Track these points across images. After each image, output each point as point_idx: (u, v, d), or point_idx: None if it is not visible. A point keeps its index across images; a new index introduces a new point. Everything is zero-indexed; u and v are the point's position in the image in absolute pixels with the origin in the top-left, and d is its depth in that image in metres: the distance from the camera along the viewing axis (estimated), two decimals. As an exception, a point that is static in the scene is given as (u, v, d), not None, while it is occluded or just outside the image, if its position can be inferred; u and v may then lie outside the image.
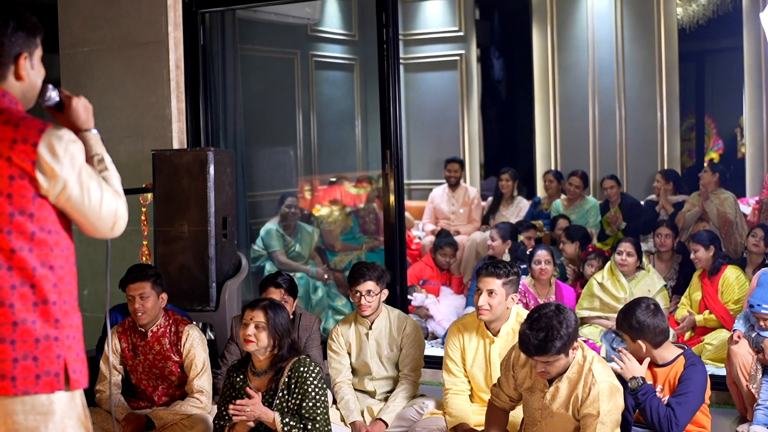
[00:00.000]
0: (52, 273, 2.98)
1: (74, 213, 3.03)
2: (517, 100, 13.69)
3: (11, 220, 2.93)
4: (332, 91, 11.54)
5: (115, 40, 7.98)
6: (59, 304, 2.99)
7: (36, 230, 2.96)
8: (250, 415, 4.85)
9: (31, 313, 2.94)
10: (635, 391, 4.80)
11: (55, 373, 2.96)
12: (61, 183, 2.95)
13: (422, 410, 5.82)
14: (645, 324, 4.90)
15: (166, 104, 7.77)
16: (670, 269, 8.24)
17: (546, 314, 4.56)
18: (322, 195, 10.72)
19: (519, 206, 10.43)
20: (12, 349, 2.91)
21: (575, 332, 4.60)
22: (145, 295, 5.73)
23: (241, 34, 8.56)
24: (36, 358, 2.93)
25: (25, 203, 2.94)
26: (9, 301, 2.92)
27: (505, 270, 5.43)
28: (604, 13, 11.63)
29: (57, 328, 2.98)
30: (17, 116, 2.98)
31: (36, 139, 2.93)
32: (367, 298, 5.92)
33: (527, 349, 4.59)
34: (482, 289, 5.41)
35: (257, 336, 4.90)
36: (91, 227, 3.07)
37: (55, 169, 2.93)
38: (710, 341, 7.15)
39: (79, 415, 3.06)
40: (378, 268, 5.99)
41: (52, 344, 2.96)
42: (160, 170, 6.98)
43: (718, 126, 13.82)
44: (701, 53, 13.81)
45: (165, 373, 5.83)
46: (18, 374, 2.91)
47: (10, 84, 3.09)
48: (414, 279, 8.74)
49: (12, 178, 2.92)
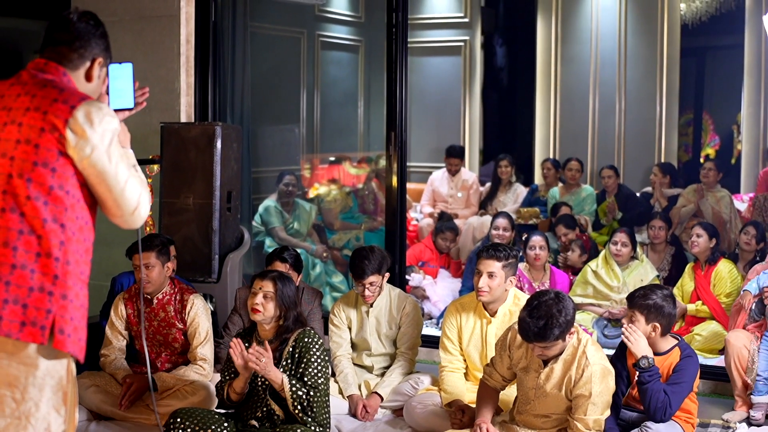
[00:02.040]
0: (61, 231, 3.06)
1: (99, 184, 3.12)
2: (518, 88, 13.79)
3: (33, 168, 3.05)
4: (337, 71, 11.60)
5: (126, 12, 8.03)
6: (62, 262, 3.05)
7: (55, 185, 3.06)
8: (263, 366, 4.87)
9: (31, 262, 3.01)
10: (645, 370, 4.92)
11: (41, 325, 3.00)
12: (90, 147, 3.07)
13: (417, 386, 5.95)
14: (664, 309, 5.01)
15: (176, 78, 7.84)
16: (663, 260, 8.35)
17: (546, 302, 4.68)
18: (321, 174, 10.81)
19: (516, 192, 10.54)
20: (5, 290, 2.98)
21: (573, 319, 4.73)
22: (150, 264, 5.85)
23: (251, 12, 8.62)
24: (26, 306, 2.99)
25: (50, 157, 3.05)
26: (13, 243, 3.00)
27: (505, 253, 5.54)
28: (609, 6, 11.74)
29: (54, 284, 3.03)
30: (68, 87, 3.15)
31: (76, 103, 3.08)
32: (370, 289, 6.04)
33: (527, 335, 4.71)
34: (483, 271, 5.52)
35: (265, 305, 5.00)
36: (113, 204, 3.16)
37: (87, 132, 3.06)
38: (699, 332, 7.27)
39: (61, 378, 3.10)
40: (377, 257, 6.06)
41: (45, 297, 3.01)
42: (168, 143, 7.06)
43: (716, 122, 13.93)
44: (702, 49, 13.90)
45: (168, 340, 5.95)
46: (5, 315, 2.97)
47: (78, 77, 3.27)
48: (413, 260, 8.84)
49: (42, 131, 3.06)
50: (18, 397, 3.04)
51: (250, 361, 4.88)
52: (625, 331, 5.00)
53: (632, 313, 5.08)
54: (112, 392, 5.74)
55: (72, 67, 3.25)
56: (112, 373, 5.87)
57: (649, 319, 5.02)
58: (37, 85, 3.13)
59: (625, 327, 5.03)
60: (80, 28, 3.25)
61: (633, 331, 4.99)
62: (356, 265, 6.04)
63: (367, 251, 6.09)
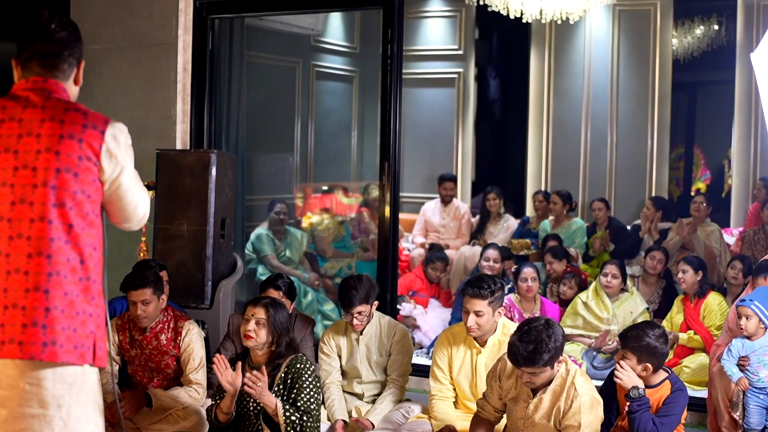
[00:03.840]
0: (96, 253, 3.21)
1: (118, 201, 3.31)
2: (511, 120, 13.87)
3: (74, 197, 3.17)
4: (331, 101, 11.67)
5: (125, 39, 8.11)
6: (96, 282, 3.21)
7: (90, 212, 3.20)
8: (259, 390, 4.92)
9: (77, 288, 3.15)
10: (634, 400, 4.96)
11: (88, 347, 3.16)
12: (119, 168, 3.24)
13: (408, 414, 5.97)
14: (657, 350, 5.05)
15: (172, 105, 7.90)
16: (653, 293, 8.39)
17: (536, 328, 4.73)
18: (314, 203, 10.85)
19: (507, 224, 10.58)
20: (61, 317, 3.11)
21: (562, 346, 4.78)
22: (147, 300, 5.85)
23: (248, 41, 8.69)
24: (75, 330, 3.14)
25: (87, 185, 3.19)
26: (64, 272, 3.13)
27: (490, 289, 5.52)
28: (602, 40, 11.83)
29: (93, 305, 3.19)
30: (82, 107, 3.25)
31: (104, 128, 3.22)
32: (359, 318, 6.06)
33: (516, 360, 4.76)
34: (470, 311, 5.52)
35: (257, 332, 5.06)
36: (123, 217, 3.36)
37: (117, 154, 3.23)
38: (688, 364, 7.32)
39: (95, 391, 3.25)
40: (365, 287, 6.06)
41: (87, 319, 3.17)
42: (164, 169, 7.13)
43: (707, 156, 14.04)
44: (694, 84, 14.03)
45: (161, 367, 5.96)
46: (59, 341, 3.10)
47: (70, 86, 3.37)
48: (404, 289, 8.88)
49: (80, 159, 3.18)
50: (65, 416, 3.15)
51: (246, 385, 4.93)
52: (617, 372, 5.05)
53: (624, 352, 5.11)
54: (104, 415, 5.75)
55: (64, 78, 3.33)
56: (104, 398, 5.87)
57: (641, 360, 5.06)
58: (59, 109, 3.21)
59: (616, 367, 5.08)
60: (64, 37, 3.33)
61: (624, 370, 5.05)
62: (344, 295, 6.05)
63: (355, 281, 6.09)
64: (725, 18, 12.49)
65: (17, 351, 3.08)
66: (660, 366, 5.13)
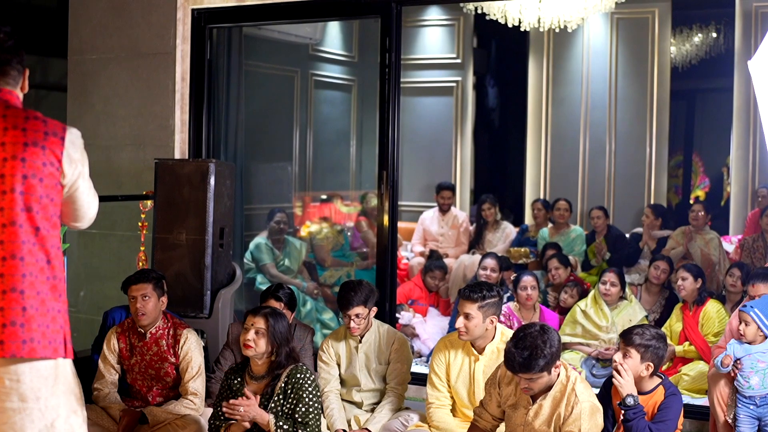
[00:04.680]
0: (59, 252, 3.38)
1: (74, 202, 3.47)
2: (509, 128, 13.88)
3: (40, 201, 3.31)
4: (329, 110, 11.68)
5: (123, 49, 8.12)
6: (62, 280, 3.37)
7: (53, 214, 3.36)
8: (245, 415, 4.97)
9: (46, 288, 3.31)
10: (629, 408, 4.95)
11: (60, 341, 3.33)
12: (78, 172, 3.40)
13: (407, 423, 5.97)
14: (659, 350, 5.06)
15: (170, 115, 7.91)
16: (656, 303, 8.36)
17: (531, 333, 4.74)
18: (313, 212, 10.86)
19: (506, 232, 10.58)
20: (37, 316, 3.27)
21: (558, 352, 4.78)
22: (147, 296, 5.89)
23: (246, 50, 8.70)
24: (47, 327, 3.30)
25: (51, 189, 3.34)
26: (35, 273, 3.29)
27: (481, 294, 5.55)
28: (600, 49, 11.85)
29: (60, 302, 3.35)
30: (40, 114, 3.37)
31: (63, 134, 3.37)
32: (356, 321, 6.07)
33: (512, 366, 4.76)
34: (460, 312, 5.58)
35: (256, 341, 5.06)
36: (76, 217, 3.53)
37: (76, 159, 3.39)
38: (687, 372, 7.32)
39: (69, 381, 3.39)
40: (365, 289, 6.10)
41: (57, 315, 3.33)
42: (162, 179, 7.13)
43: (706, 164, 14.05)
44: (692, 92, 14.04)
45: (161, 374, 5.97)
46: (35, 338, 3.26)
47: (19, 93, 3.49)
48: (403, 298, 8.88)
49: (44, 165, 3.32)
50: (43, 407, 3.29)
51: (230, 415, 5.01)
52: (618, 367, 5.04)
53: (627, 350, 5.09)
54: (105, 426, 5.76)
55: (15, 85, 3.45)
56: (105, 407, 5.88)
57: (644, 358, 5.05)
58: (19, 118, 3.33)
59: (618, 363, 5.07)
60: (10, 46, 3.43)
61: (625, 369, 5.04)
62: (343, 296, 6.09)
63: (355, 284, 6.14)
64: (723, 25, 12.51)
65: None
66: (657, 369, 5.13)
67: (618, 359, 5.09)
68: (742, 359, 5.70)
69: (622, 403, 4.98)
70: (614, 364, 5.07)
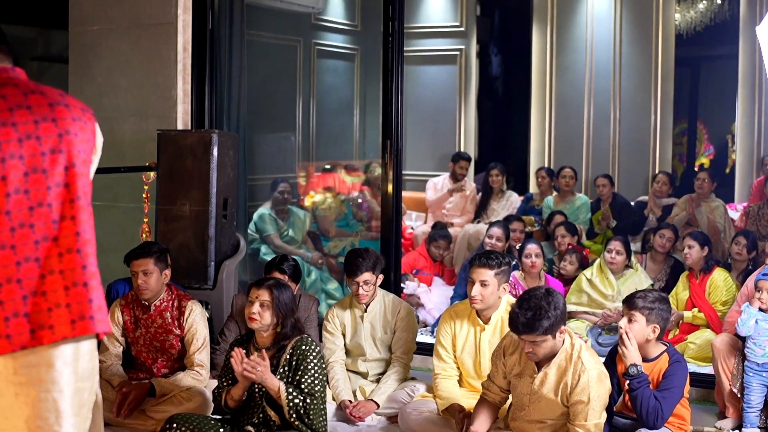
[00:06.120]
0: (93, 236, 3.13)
1: None
2: (513, 96, 13.84)
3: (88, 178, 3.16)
4: (332, 79, 11.63)
5: (124, 20, 8.06)
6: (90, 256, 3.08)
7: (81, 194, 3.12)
8: (260, 375, 4.90)
9: None
10: (633, 378, 4.94)
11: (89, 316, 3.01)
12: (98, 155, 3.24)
13: (413, 393, 5.98)
14: (664, 312, 5.07)
15: (172, 85, 7.85)
16: (661, 271, 8.35)
17: (536, 295, 4.72)
18: (316, 182, 10.83)
19: (510, 200, 10.57)
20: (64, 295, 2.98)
21: (563, 315, 4.74)
22: (148, 271, 5.88)
23: (248, 20, 8.65)
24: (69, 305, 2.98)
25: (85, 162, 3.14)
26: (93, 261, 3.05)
27: (497, 261, 5.56)
28: (604, 16, 11.79)
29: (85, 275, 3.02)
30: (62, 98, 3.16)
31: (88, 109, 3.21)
32: (364, 288, 6.06)
33: (515, 326, 4.73)
34: (475, 280, 5.53)
35: (261, 314, 5.04)
36: None
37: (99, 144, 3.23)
38: (693, 340, 7.31)
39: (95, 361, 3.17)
40: (372, 256, 6.11)
41: (82, 290, 3.01)
42: (165, 150, 7.09)
43: (710, 132, 14.01)
44: (697, 59, 13.98)
45: (165, 347, 5.97)
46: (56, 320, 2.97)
47: None
48: (408, 268, 8.87)
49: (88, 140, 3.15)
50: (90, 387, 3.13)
51: (246, 370, 4.90)
52: (624, 334, 5.02)
53: (632, 314, 5.08)
54: (108, 398, 5.73)
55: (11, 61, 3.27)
56: (108, 379, 5.88)
57: (649, 320, 5.04)
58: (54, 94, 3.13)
59: (624, 329, 5.05)
60: None
61: (629, 338, 5.02)
62: (350, 263, 6.07)
63: (362, 251, 6.15)
64: (728, -8, 12.44)
65: None
66: (662, 333, 5.12)
67: (623, 325, 5.07)
68: (758, 324, 5.71)
69: (626, 374, 4.97)
70: (620, 331, 5.06)
